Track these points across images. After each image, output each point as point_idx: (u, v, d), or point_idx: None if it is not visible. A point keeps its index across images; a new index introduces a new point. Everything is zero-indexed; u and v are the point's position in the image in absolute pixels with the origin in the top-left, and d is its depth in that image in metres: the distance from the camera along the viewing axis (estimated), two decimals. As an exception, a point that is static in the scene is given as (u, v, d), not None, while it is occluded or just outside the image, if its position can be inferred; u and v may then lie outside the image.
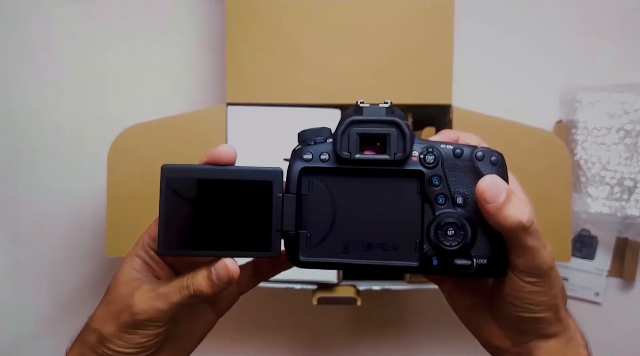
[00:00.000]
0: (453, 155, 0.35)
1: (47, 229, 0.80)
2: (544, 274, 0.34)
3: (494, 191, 0.33)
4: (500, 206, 0.33)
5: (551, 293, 0.35)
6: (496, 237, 0.34)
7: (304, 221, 0.36)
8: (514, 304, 0.36)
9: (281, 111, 0.65)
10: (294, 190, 0.36)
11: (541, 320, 0.36)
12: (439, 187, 0.35)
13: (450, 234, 0.34)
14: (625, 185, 0.75)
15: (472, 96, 0.73)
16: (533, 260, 0.34)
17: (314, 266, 0.36)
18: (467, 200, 0.35)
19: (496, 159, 0.35)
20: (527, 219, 0.33)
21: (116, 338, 0.36)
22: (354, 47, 0.66)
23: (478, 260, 0.34)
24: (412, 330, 0.80)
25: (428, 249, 0.35)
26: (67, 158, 0.80)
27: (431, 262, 0.35)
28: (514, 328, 0.37)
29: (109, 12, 0.80)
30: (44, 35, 0.80)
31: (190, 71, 0.80)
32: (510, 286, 0.35)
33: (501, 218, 0.33)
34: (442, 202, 0.35)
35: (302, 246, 0.36)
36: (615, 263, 0.78)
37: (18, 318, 0.81)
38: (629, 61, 0.80)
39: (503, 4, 0.80)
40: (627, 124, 0.75)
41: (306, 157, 0.36)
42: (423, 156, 0.35)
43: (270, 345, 0.81)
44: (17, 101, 0.80)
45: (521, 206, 0.33)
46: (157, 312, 0.35)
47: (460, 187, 0.35)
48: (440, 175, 0.35)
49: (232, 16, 0.65)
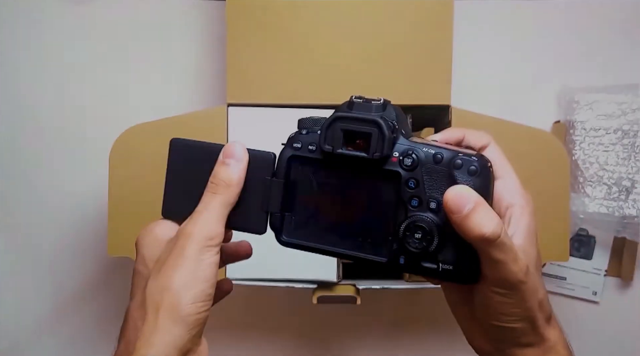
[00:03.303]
0: (433, 160, 0.35)
1: (49, 228, 0.80)
2: (514, 288, 0.34)
3: (459, 202, 0.33)
4: (464, 217, 0.33)
5: (523, 306, 0.35)
6: (467, 246, 0.34)
7: (289, 204, 0.38)
8: (486, 312, 0.36)
9: (282, 111, 0.65)
10: (281, 176, 0.38)
11: (514, 330, 0.35)
12: (414, 190, 0.35)
13: (417, 237, 0.35)
14: (623, 185, 0.75)
15: (470, 97, 0.73)
16: (500, 273, 0.33)
17: (293, 246, 0.38)
18: (440, 206, 0.35)
19: (475, 169, 0.35)
20: (492, 233, 0.32)
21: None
22: (354, 48, 0.66)
23: (444, 266, 0.35)
24: (411, 329, 0.80)
25: (396, 248, 0.36)
26: (69, 158, 0.80)
27: (398, 260, 0.36)
28: (490, 334, 0.37)
29: (110, 13, 0.81)
30: (45, 35, 0.81)
31: (191, 71, 0.81)
32: (480, 294, 0.35)
33: (465, 229, 0.33)
34: (416, 205, 0.35)
35: (285, 227, 0.38)
36: (613, 263, 0.79)
37: (20, 318, 0.81)
38: (627, 61, 0.80)
39: (502, 5, 0.80)
40: (625, 125, 0.76)
41: (296, 145, 0.38)
42: (402, 158, 0.35)
43: (270, 344, 0.81)
44: (18, 101, 0.81)
45: (487, 218, 0.33)
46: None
47: (436, 192, 0.35)
48: (417, 178, 0.35)
49: (232, 17, 0.65)
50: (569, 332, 0.39)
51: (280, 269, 0.64)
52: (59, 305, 0.81)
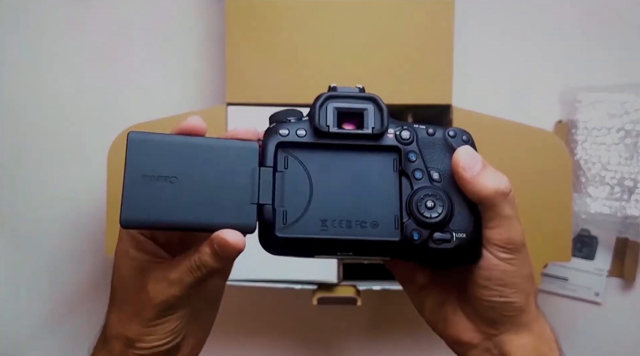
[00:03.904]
0: (427, 133, 0.36)
1: (47, 228, 0.80)
2: (518, 250, 0.35)
3: (471, 160, 0.34)
4: (477, 174, 0.34)
5: (522, 274, 0.35)
6: (473, 215, 0.35)
7: (280, 197, 0.35)
8: (486, 287, 0.35)
9: (281, 111, 0.65)
10: (269, 164, 0.35)
11: (512, 305, 0.36)
12: (415, 162, 0.35)
13: (430, 206, 0.34)
14: (626, 185, 0.75)
15: (472, 96, 0.73)
16: (509, 231, 0.34)
17: (291, 243, 0.34)
18: (442, 175, 0.35)
19: (467, 138, 0.36)
20: (505, 186, 0.34)
21: (146, 334, 0.36)
22: (353, 47, 0.66)
23: (457, 234, 0.34)
24: (412, 329, 0.80)
25: (408, 222, 0.34)
26: (68, 158, 0.80)
27: (412, 236, 0.34)
28: (484, 317, 0.37)
29: (109, 13, 0.80)
30: (44, 35, 0.80)
31: (190, 70, 0.80)
32: (482, 267, 0.35)
33: (479, 185, 0.34)
34: (420, 177, 0.35)
35: (277, 223, 0.34)
36: (615, 263, 0.78)
37: (18, 318, 0.81)
38: (629, 61, 0.80)
39: (503, 4, 0.80)
40: (628, 124, 0.75)
41: (282, 132, 0.35)
42: (399, 132, 0.36)
43: (270, 345, 0.81)
44: (17, 101, 0.80)
45: (498, 175, 0.34)
46: (176, 298, 0.35)
47: (436, 163, 0.36)
48: (416, 151, 0.36)
49: (232, 16, 0.65)
50: (570, 333, 0.39)
51: (279, 270, 0.64)
52: (58, 305, 0.80)
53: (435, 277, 0.40)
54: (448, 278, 0.39)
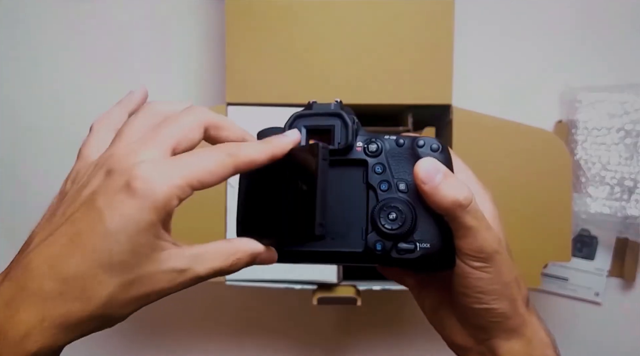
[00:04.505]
0: (396, 144, 0.36)
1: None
2: (489, 258, 0.34)
3: (430, 172, 0.34)
4: (436, 185, 0.33)
5: (501, 281, 0.35)
6: (441, 224, 0.35)
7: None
8: (465, 295, 0.35)
9: (281, 111, 0.65)
10: None
11: (494, 311, 0.35)
12: (381, 174, 0.36)
13: (392, 217, 0.35)
14: (626, 185, 0.75)
15: (472, 96, 0.73)
16: (475, 241, 0.34)
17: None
18: (409, 186, 0.36)
19: (437, 146, 0.36)
20: (464, 198, 0.33)
21: None
22: (353, 47, 0.66)
23: (421, 244, 0.35)
24: (412, 330, 0.80)
25: (372, 234, 0.35)
26: (68, 158, 0.80)
27: (375, 247, 0.35)
28: (473, 323, 0.37)
29: (109, 13, 0.80)
30: (44, 35, 0.80)
31: (190, 70, 0.80)
32: (458, 274, 0.35)
33: (438, 197, 0.33)
34: (385, 188, 0.36)
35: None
36: (615, 263, 0.78)
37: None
38: (629, 61, 0.80)
39: (503, 4, 0.80)
40: (628, 124, 0.75)
41: None
42: (366, 145, 0.36)
43: (270, 345, 0.81)
44: (17, 101, 0.80)
45: (458, 186, 0.34)
46: None
47: (403, 174, 0.36)
48: (383, 163, 0.36)
49: (232, 16, 0.65)
50: (570, 333, 0.39)
51: (279, 270, 0.64)
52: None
53: (425, 280, 0.40)
54: (441, 282, 0.39)
